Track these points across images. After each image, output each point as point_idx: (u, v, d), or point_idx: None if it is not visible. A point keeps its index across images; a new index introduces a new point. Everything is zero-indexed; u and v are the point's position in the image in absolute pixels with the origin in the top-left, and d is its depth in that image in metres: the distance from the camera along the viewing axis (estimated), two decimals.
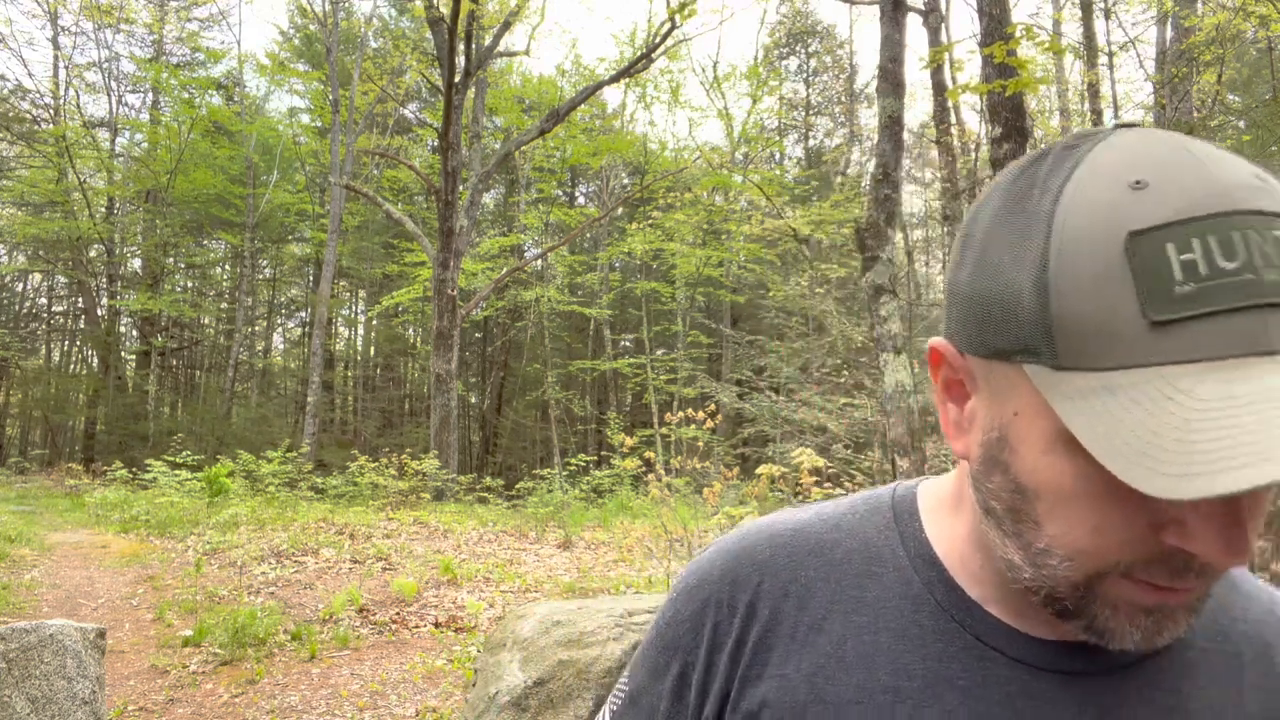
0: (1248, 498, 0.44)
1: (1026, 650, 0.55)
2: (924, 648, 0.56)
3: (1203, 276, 0.41)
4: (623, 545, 9.24)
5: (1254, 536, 0.45)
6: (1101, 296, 0.42)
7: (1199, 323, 0.40)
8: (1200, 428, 0.39)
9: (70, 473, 18.90)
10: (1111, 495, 0.45)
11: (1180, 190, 0.43)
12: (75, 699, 3.54)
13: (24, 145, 23.18)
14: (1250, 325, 0.40)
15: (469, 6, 14.80)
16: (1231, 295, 0.40)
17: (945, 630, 0.57)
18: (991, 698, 0.54)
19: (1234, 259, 0.41)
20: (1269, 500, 0.46)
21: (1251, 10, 8.56)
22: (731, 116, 25.65)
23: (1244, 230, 0.41)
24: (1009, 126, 6.08)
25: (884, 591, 0.59)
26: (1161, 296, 0.41)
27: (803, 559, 0.62)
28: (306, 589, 7.40)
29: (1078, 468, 0.46)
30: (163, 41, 25.19)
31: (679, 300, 24.83)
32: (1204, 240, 0.41)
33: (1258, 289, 0.40)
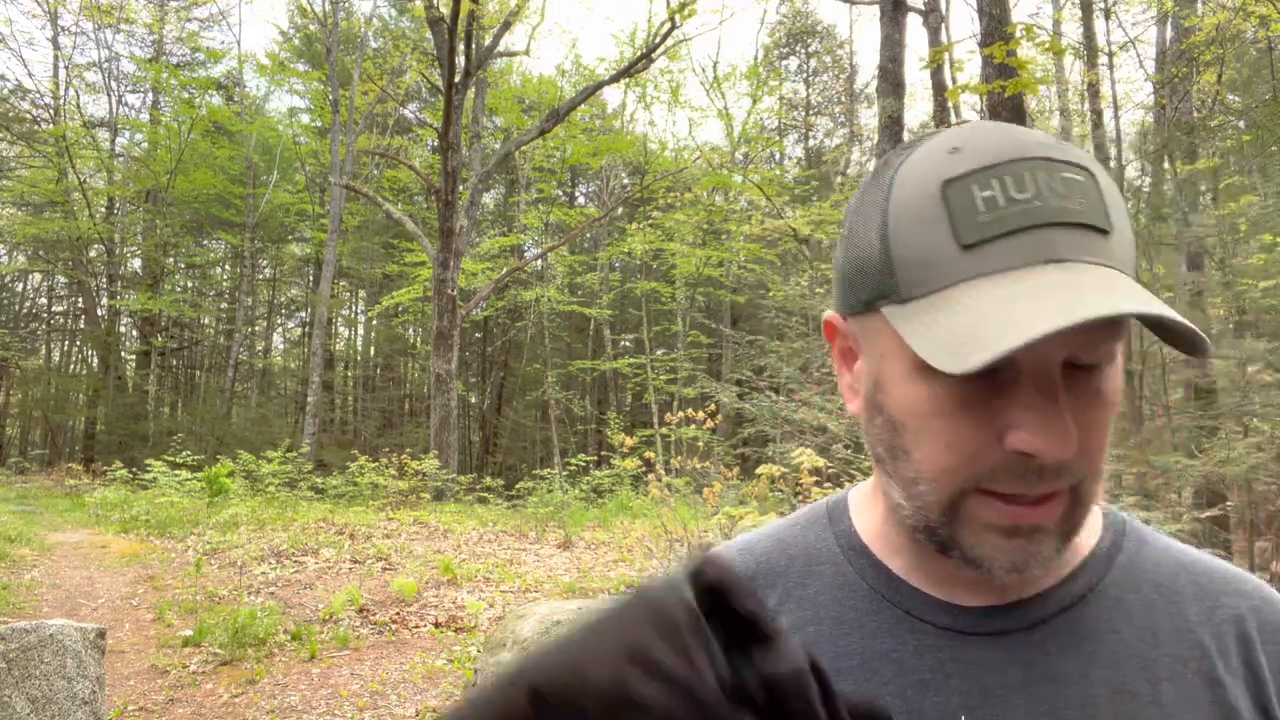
0: (1069, 396, 0.51)
1: (952, 618, 0.60)
2: (860, 628, 0.62)
3: (1000, 206, 0.50)
4: (623, 545, 9.24)
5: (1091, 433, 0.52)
6: (925, 234, 0.52)
7: (997, 242, 0.50)
8: (987, 319, 0.48)
9: (70, 473, 18.90)
10: (959, 410, 0.53)
11: (985, 148, 0.52)
12: (75, 699, 3.54)
13: (24, 145, 23.18)
14: (1037, 240, 0.50)
15: (469, 6, 14.79)
16: (1022, 218, 0.50)
17: (877, 610, 0.62)
18: (924, 666, 0.59)
19: (1025, 192, 0.51)
20: (1098, 395, 0.53)
21: (1251, 10, 8.56)
22: (731, 116, 25.64)
23: (1034, 171, 0.51)
24: None
25: (822, 585, 0.65)
26: (968, 226, 0.51)
27: (750, 571, 0.69)
28: (306, 589, 7.40)
29: (930, 389, 0.54)
30: (163, 41, 25.18)
31: (679, 300, 24.82)
32: (1001, 180, 0.51)
33: (1044, 213, 0.50)
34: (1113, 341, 0.53)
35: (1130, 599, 0.61)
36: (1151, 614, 0.60)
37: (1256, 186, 8.93)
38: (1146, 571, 0.62)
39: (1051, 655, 0.58)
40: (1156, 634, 0.59)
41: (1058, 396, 0.51)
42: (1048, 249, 0.50)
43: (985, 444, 0.52)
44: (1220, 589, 0.62)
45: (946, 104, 11.14)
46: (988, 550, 0.54)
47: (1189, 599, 0.61)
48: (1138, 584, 0.62)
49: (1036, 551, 0.54)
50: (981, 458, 0.53)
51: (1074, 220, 0.51)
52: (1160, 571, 0.63)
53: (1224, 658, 0.58)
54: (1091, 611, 0.60)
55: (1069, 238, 0.50)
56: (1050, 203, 0.50)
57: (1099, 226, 0.51)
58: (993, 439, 0.52)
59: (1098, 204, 0.52)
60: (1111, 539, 0.64)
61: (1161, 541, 0.66)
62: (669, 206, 21.54)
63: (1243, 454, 5.60)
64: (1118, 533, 0.65)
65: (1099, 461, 0.55)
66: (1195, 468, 5.94)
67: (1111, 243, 0.52)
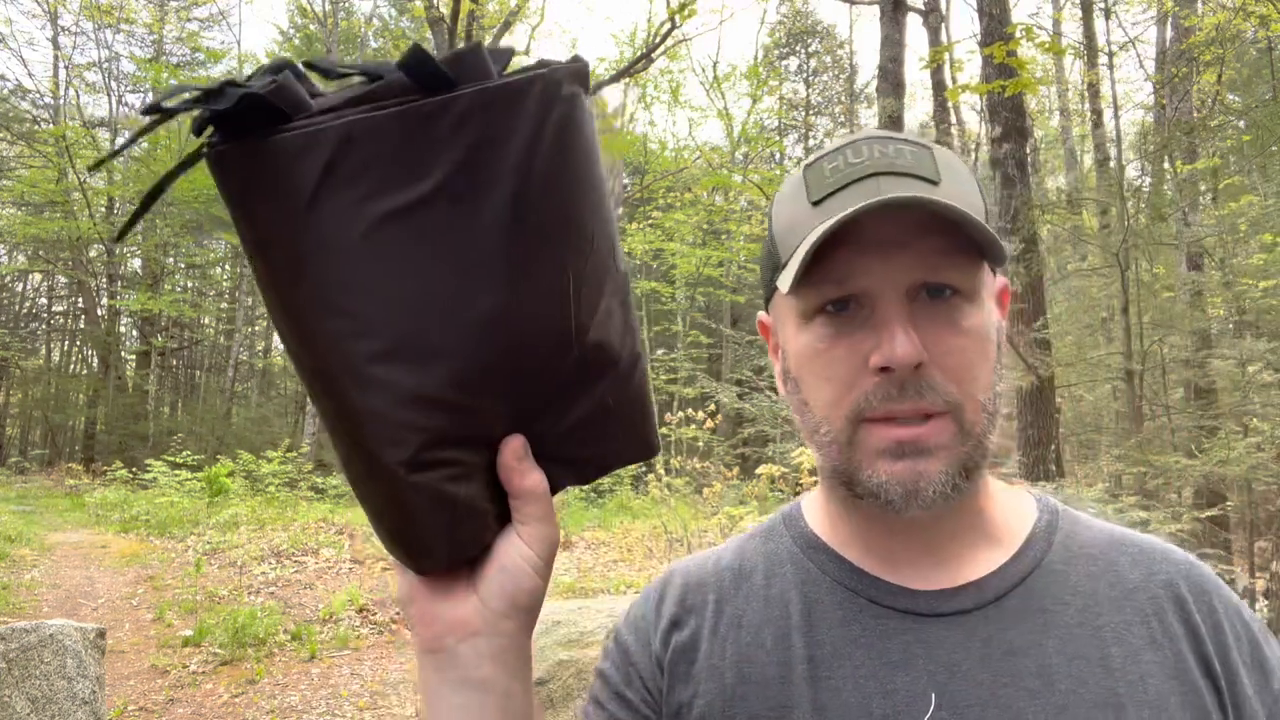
0: (924, 321, 0.59)
1: (913, 602, 0.65)
2: (828, 618, 0.67)
3: (840, 170, 0.62)
4: (623, 545, 9.24)
5: (952, 357, 0.60)
6: (791, 206, 0.65)
7: (837, 194, 0.61)
8: (810, 242, 0.58)
9: (70, 473, 18.89)
10: (831, 346, 0.62)
11: (837, 140, 0.65)
12: (75, 699, 3.54)
13: (24, 145, 23.16)
14: (867, 186, 0.60)
15: (469, 6, 14.80)
16: (855, 172, 0.61)
17: (842, 600, 0.67)
18: (891, 649, 0.63)
19: (860, 157, 0.62)
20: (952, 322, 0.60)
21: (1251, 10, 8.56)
22: (731, 116, 25.65)
23: (870, 144, 0.63)
24: (1009, 126, 6.08)
25: (787, 583, 0.70)
26: (817, 187, 0.62)
27: (719, 576, 0.74)
28: (306, 589, 7.40)
29: (809, 334, 0.63)
30: (163, 41, 25.18)
31: (679, 300, 24.82)
32: (844, 153, 0.63)
33: (873, 166, 0.61)
34: (953, 267, 0.60)
35: (1073, 571, 0.65)
36: (1094, 584, 0.65)
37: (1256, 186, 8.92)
38: (1084, 546, 0.67)
39: (1008, 629, 0.62)
40: (1100, 602, 0.63)
41: (901, 315, 0.59)
42: (873, 189, 0.60)
43: (855, 370, 0.61)
44: (1152, 558, 0.67)
45: (946, 104, 11.15)
46: (881, 476, 0.60)
47: (1126, 568, 0.66)
48: (1077, 558, 0.67)
49: (925, 473, 0.59)
50: (856, 384, 0.61)
51: (899, 170, 0.61)
52: (1096, 545, 0.68)
53: (1161, 618, 0.63)
54: (1039, 586, 0.64)
55: (894, 182, 0.60)
56: (880, 161, 0.61)
57: (925, 177, 0.61)
58: (860, 365, 0.60)
59: (928, 164, 0.62)
60: (1047, 519, 0.69)
61: (1092, 520, 0.71)
62: (669, 206, 21.54)
63: (1243, 454, 5.60)
64: (1052, 513, 0.70)
65: (972, 389, 0.61)
66: (1195, 468, 5.94)
67: (940, 190, 0.60)
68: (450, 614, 0.54)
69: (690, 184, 22.83)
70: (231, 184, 0.50)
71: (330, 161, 0.47)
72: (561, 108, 0.52)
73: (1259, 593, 6.05)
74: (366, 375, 0.49)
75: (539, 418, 0.55)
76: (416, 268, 0.49)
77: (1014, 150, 6.09)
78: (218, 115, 0.46)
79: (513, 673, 0.55)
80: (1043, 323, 5.97)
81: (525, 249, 0.51)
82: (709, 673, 0.68)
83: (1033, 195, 6.67)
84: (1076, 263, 10.98)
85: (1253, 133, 8.50)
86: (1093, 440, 10.39)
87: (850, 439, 0.61)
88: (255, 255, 0.51)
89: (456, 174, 0.49)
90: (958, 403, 0.60)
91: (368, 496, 0.54)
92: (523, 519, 0.54)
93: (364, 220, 0.48)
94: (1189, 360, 8.49)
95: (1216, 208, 9.73)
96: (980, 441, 0.62)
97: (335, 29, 21.94)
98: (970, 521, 0.67)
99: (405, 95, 0.48)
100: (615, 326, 0.57)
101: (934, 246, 0.59)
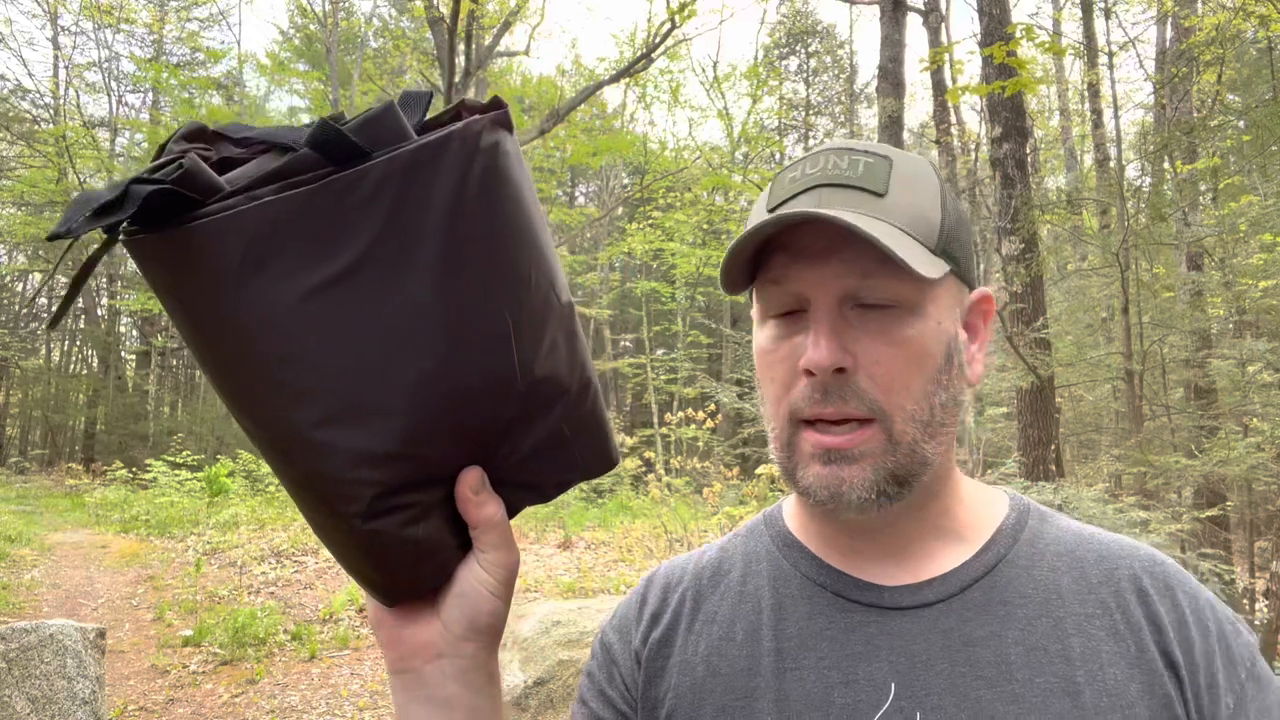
0: (857, 331, 0.62)
1: (878, 596, 0.67)
2: (796, 612, 0.69)
3: (797, 180, 0.65)
4: (623, 545, 9.24)
5: (882, 368, 0.62)
6: (757, 212, 0.67)
7: (788, 203, 0.64)
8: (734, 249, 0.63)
9: (70, 473, 18.89)
10: (775, 347, 0.65)
11: (811, 150, 0.68)
12: (75, 699, 3.54)
13: (24, 145, 23.15)
14: (812, 197, 0.63)
15: (469, 6, 14.79)
16: (805, 183, 0.64)
17: (811, 594, 0.70)
18: (856, 640, 0.66)
19: (815, 168, 0.65)
20: (885, 334, 0.62)
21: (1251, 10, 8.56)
22: (731, 116, 25.63)
23: (828, 156, 0.66)
24: (1009, 126, 6.08)
25: (761, 580, 0.73)
26: (776, 196, 0.66)
27: (699, 574, 0.77)
28: (306, 589, 7.40)
29: (762, 334, 0.67)
30: (163, 41, 25.18)
31: (679, 300, 24.82)
32: (804, 164, 0.66)
33: (820, 178, 0.64)
34: (890, 277, 0.61)
35: (1037, 566, 0.67)
36: (1057, 578, 0.66)
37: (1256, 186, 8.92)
38: (1050, 544, 0.69)
39: (968, 622, 0.64)
40: (1062, 595, 0.65)
41: (826, 320, 0.62)
42: (814, 202, 0.63)
43: (792, 373, 0.64)
44: (1117, 554, 0.68)
45: (946, 104, 11.14)
46: (810, 479, 0.63)
47: (1090, 564, 0.67)
48: (1043, 554, 0.68)
49: (848, 479, 0.62)
50: (790, 385, 0.64)
51: (843, 182, 0.63)
52: (1062, 542, 0.69)
53: (1124, 610, 0.64)
54: (1002, 580, 0.66)
55: (836, 194, 0.63)
56: (829, 173, 0.64)
57: (871, 189, 0.63)
58: (796, 368, 0.63)
59: (880, 176, 0.64)
60: (1016, 517, 0.71)
61: (1062, 520, 0.72)
62: (669, 206, 21.54)
63: (1243, 454, 5.59)
64: (1021, 512, 0.72)
65: (901, 400, 0.62)
66: (1195, 468, 5.93)
67: (884, 202, 0.63)
68: (415, 638, 0.57)
69: (690, 184, 22.83)
70: (153, 270, 0.49)
71: (250, 243, 0.47)
72: (483, 160, 0.52)
73: (1259, 593, 6.05)
74: (313, 440, 0.49)
75: (495, 449, 0.56)
76: (350, 336, 0.49)
77: (1014, 150, 6.08)
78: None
79: (477, 690, 0.58)
80: (1043, 323, 5.97)
81: (460, 303, 0.51)
82: (681, 667, 0.71)
83: (1033, 195, 6.67)
84: (1076, 263, 10.99)
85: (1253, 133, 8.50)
86: (1093, 440, 10.38)
87: (790, 440, 0.65)
88: (187, 336, 0.51)
89: (379, 241, 0.49)
90: (884, 411, 0.62)
91: (330, 542, 0.55)
92: (481, 547, 0.56)
93: (291, 296, 0.48)
94: (1189, 360, 8.49)
95: (1216, 208, 9.72)
96: (913, 450, 0.63)
97: (335, 29, 21.94)
98: (935, 521, 0.69)
99: (319, 169, 0.48)
100: (561, 358, 0.58)
101: (868, 255, 0.60)
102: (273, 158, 0.50)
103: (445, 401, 0.51)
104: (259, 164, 0.50)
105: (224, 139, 0.53)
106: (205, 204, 0.47)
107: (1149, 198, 8.87)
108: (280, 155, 0.50)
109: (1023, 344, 5.61)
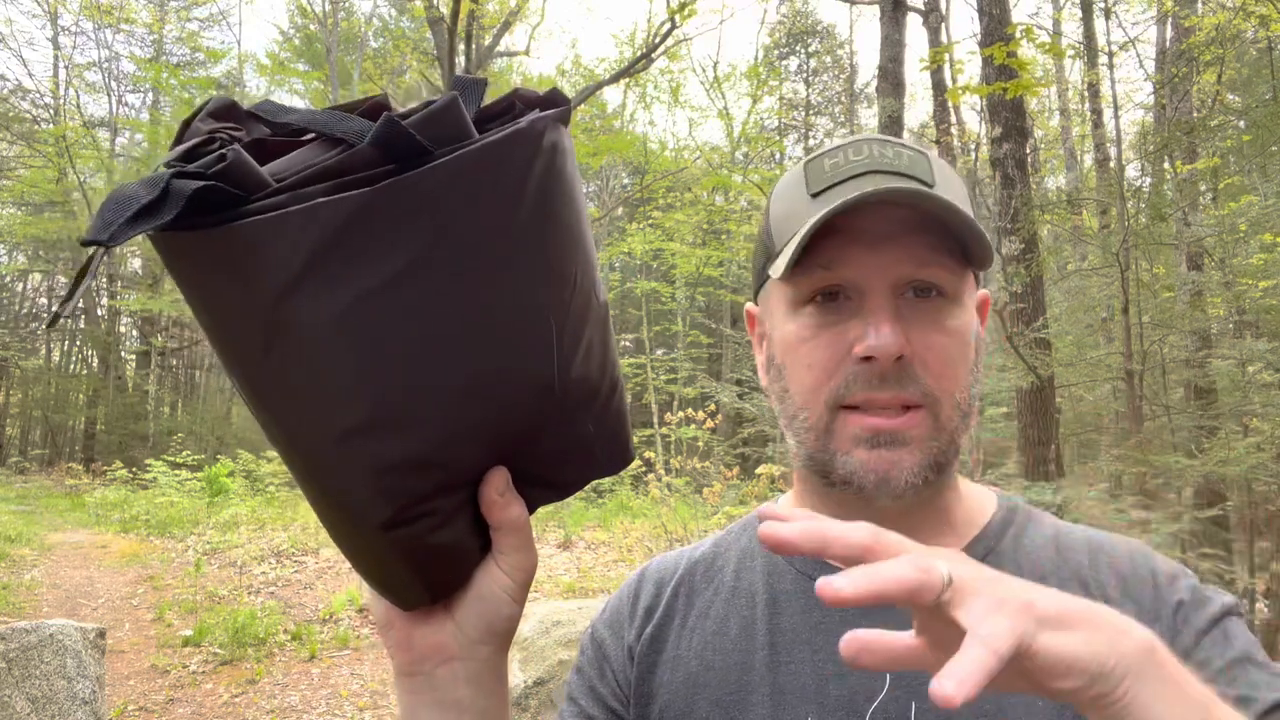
0: (910, 316, 0.62)
1: None
2: (791, 606, 0.70)
3: (840, 167, 0.65)
4: (623, 545, 9.24)
5: (933, 354, 0.62)
6: (789, 197, 0.67)
7: (835, 188, 0.63)
8: (804, 232, 0.60)
9: (70, 473, 18.89)
10: (817, 334, 0.64)
11: (839, 139, 0.64)
12: (75, 699, 3.54)
13: (24, 145, 23.14)
14: (863, 182, 0.62)
15: (469, 6, 14.79)
16: (854, 169, 0.64)
17: (805, 589, 0.70)
18: None
19: (861, 155, 0.65)
20: (936, 321, 0.62)
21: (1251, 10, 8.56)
22: (731, 116, 25.64)
23: (870, 145, 0.66)
24: (1009, 126, 6.08)
25: (754, 576, 0.74)
26: (816, 180, 0.65)
27: (692, 569, 0.77)
28: (306, 589, 7.40)
29: (796, 323, 0.65)
30: (163, 41, 25.18)
31: (679, 300, 24.82)
32: (845, 151, 0.65)
33: (871, 164, 0.64)
34: (940, 266, 0.62)
35: (1024, 558, 0.68)
36: (1040, 566, 0.67)
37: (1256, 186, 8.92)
38: (1035, 540, 0.70)
39: None
40: (1044, 579, 0.65)
41: (887, 307, 0.61)
42: (870, 186, 0.61)
43: (838, 358, 0.63)
44: (1101, 544, 0.69)
45: (946, 104, 11.14)
46: (855, 465, 0.63)
47: (1073, 554, 0.68)
48: (1028, 547, 0.69)
49: (898, 462, 0.62)
50: (837, 371, 0.63)
51: (895, 170, 0.63)
52: (1047, 536, 0.70)
53: (1102, 589, 0.65)
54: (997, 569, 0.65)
55: (890, 181, 0.62)
56: (878, 160, 0.64)
57: (921, 179, 0.63)
58: (844, 353, 0.63)
59: (924, 167, 0.64)
60: (1004, 515, 0.72)
61: (1048, 518, 0.73)
62: (669, 206, 21.54)
63: (1243, 454, 5.59)
64: (1010, 510, 0.73)
65: (950, 386, 0.63)
66: (1195, 468, 5.93)
67: (934, 193, 0.61)
68: (428, 640, 0.56)
69: (690, 184, 22.84)
70: (183, 267, 0.46)
71: (299, 247, 0.43)
72: (544, 160, 0.49)
73: (1259, 593, 6.05)
74: (341, 449, 0.47)
75: (520, 450, 0.54)
76: (393, 343, 0.46)
77: (1014, 150, 6.08)
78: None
79: (488, 692, 0.57)
80: (1043, 323, 5.97)
81: (508, 307, 0.49)
82: (674, 663, 0.71)
83: (1033, 195, 6.67)
84: (1076, 263, 10.98)
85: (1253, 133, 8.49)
86: (1093, 440, 10.38)
87: (828, 426, 0.64)
88: (214, 335, 0.48)
89: (432, 245, 0.46)
90: (935, 397, 0.63)
91: (349, 550, 0.53)
92: (502, 549, 0.55)
93: (336, 303, 0.44)
94: (1189, 360, 8.48)
95: (1216, 208, 9.72)
96: (953, 438, 0.64)
97: (335, 29, 21.94)
98: (936, 516, 0.70)
99: (374, 166, 0.44)
100: (595, 359, 0.56)
101: (923, 243, 0.61)
102: (319, 149, 0.47)
103: (483, 408, 0.50)
104: (304, 155, 0.46)
105: (257, 119, 0.49)
106: (250, 200, 0.43)
107: (1149, 198, 8.87)
108: (329, 147, 0.47)
109: (1023, 344, 5.61)
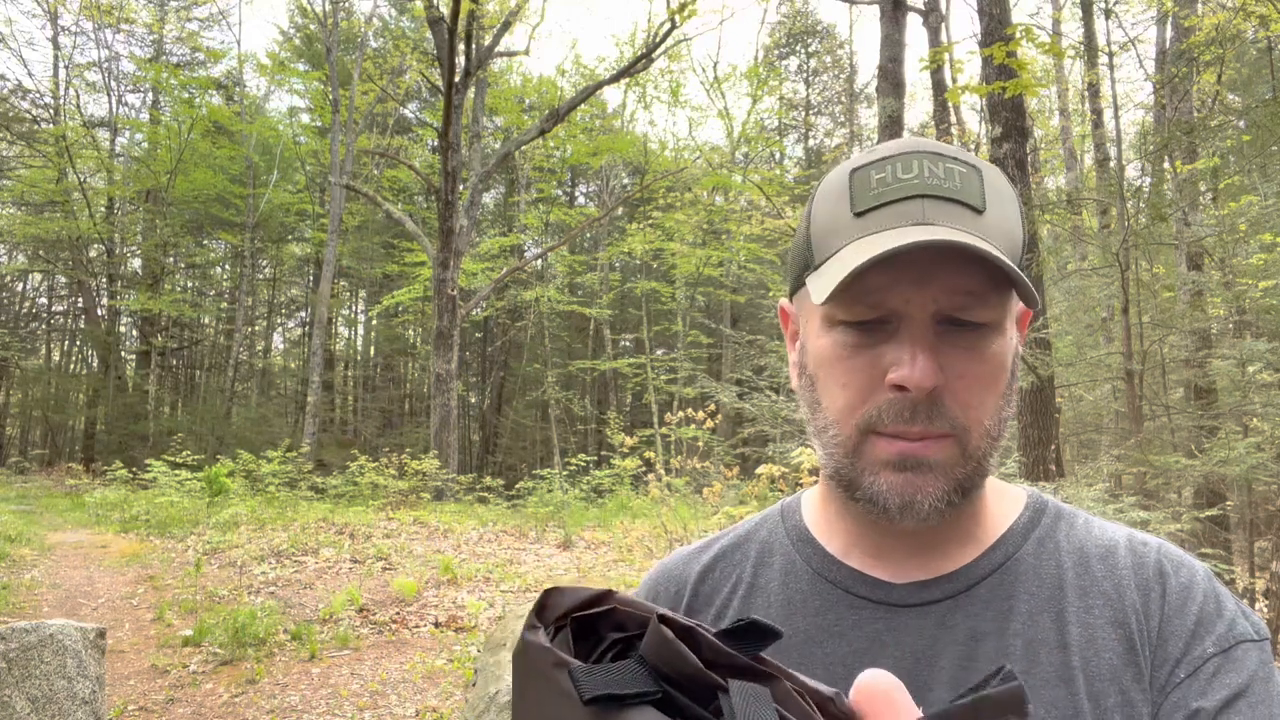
0: (946, 347, 0.61)
1: (886, 593, 0.67)
2: (804, 607, 0.70)
3: (888, 184, 0.62)
4: (623, 545, 9.24)
5: (967, 384, 0.61)
6: (832, 209, 0.64)
7: (881, 209, 0.61)
8: (849, 260, 0.59)
9: (70, 473, 18.90)
10: (852, 355, 0.63)
11: (889, 147, 0.64)
12: (75, 699, 3.55)
13: (24, 145, 23.14)
14: (910, 207, 0.61)
15: (469, 6, 14.79)
16: (902, 190, 0.61)
17: (821, 590, 0.70)
18: (862, 637, 0.66)
19: (909, 173, 0.62)
20: (973, 351, 0.61)
21: (1251, 10, 8.56)
22: (731, 116, 25.64)
23: (921, 160, 0.62)
24: (1009, 126, 6.08)
25: (773, 574, 0.74)
26: (862, 198, 0.62)
27: (711, 565, 0.77)
28: (306, 589, 7.40)
29: (832, 338, 0.64)
30: (163, 41, 25.17)
31: (679, 300, 24.81)
32: (893, 165, 0.63)
33: (920, 187, 0.61)
34: (984, 304, 0.61)
35: (1044, 564, 0.67)
36: (1061, 573, 0.66)
37: (1256, 186, 8.92)
38: (1059, 542, 0.69)
39: (974, 617, 0.65)
40: (1065, 588, 0.65)
41: (925, 339, 0.60)
42: (918, 213, 0.60)
43: (872, 384, 0.62)
44: (1124, 546, 0.68)
45: (946, 104, 11.14)
46: (881, 486, 0.62)
47: (1095, 558, 0.67)
48: (1051, 552, 0.68)
49: (923, 487, 0.61)
50: (870, 396, 0.62)
51: (945, 195, 0.61)
52: (1072, 541, 0.69)
53: (1122, 597, 0.64)
54: (1009, 578, 0.66)
55: (939, 208, 0.60)
56: (928, 181, 0.61)
57: (971, 204, 0.61)
58: (878, 379, 0.62)
59: (975, 189, 0.62)
60: (1030, 516, 0.71)
61: (1080, 517, 0.71)
62: (669, 206, 21.53)
63: (1243, 454, 5.59)
64: (1037, 510, 0.71)
65: (981, 417, 0.63)
66: (1195, 468, 5.94)
67: (984, 220, 0.61)
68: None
69: (690, 184, 22.84)
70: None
71: None
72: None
73: (1259, 593, 6.05)
74: None
75: None
76: None
77: (1014, 150, 6.08)
78: None
79: None
80: (1043, 323, 5.97)
81: None
82: None
83: (1033, 195, 6.67)
84: (1076, 263, 10.98)
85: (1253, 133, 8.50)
86: (1093, 440, 10.39)
87: (857, 447, 0.64)
88: None
89: None
90: (964, 428, 0.62)
91: None
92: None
93: None
94: (1189, 360, 8.49)
95: (1216, 208, 9.72)
96: (980, 464, 0.64)
97: (335, 29, 21.92)
98: (959, 526, 0.69)
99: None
100: None
101: (969, 278, 0.60)
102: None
103: None
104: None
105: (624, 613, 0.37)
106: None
107: (1149, 198, 8.87)
108: None
109: (1023, 344, 5.62)
